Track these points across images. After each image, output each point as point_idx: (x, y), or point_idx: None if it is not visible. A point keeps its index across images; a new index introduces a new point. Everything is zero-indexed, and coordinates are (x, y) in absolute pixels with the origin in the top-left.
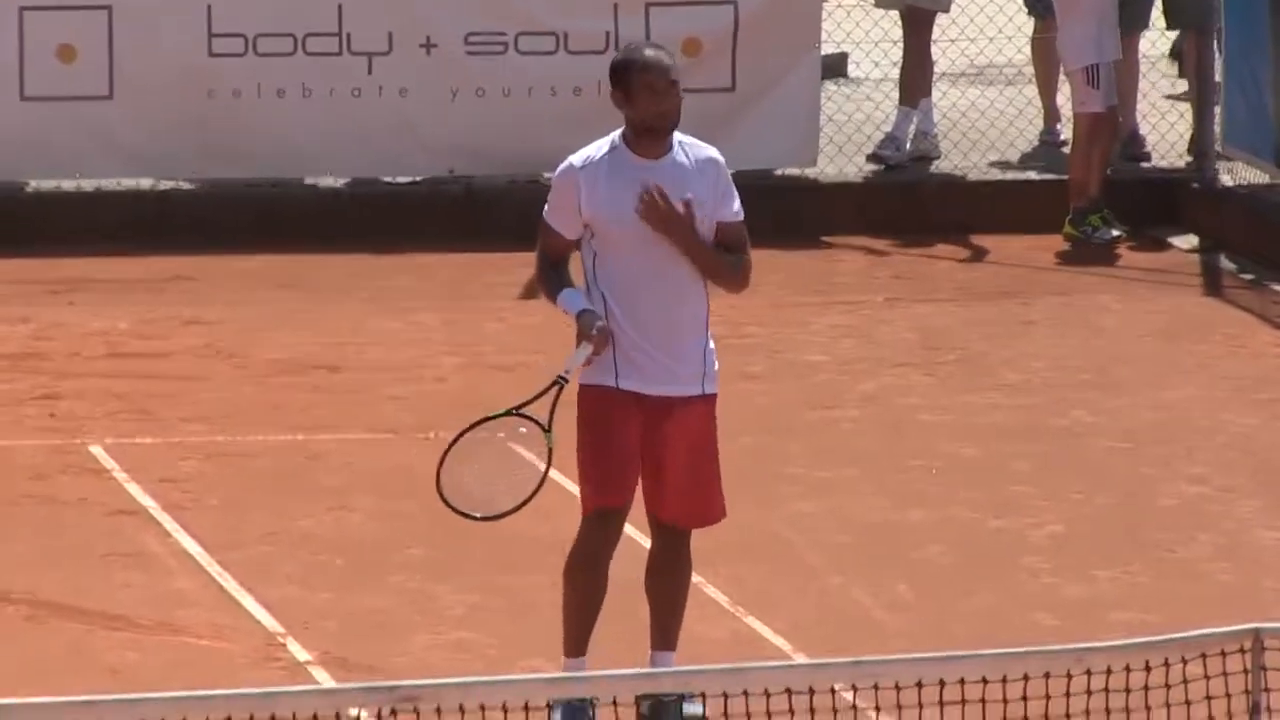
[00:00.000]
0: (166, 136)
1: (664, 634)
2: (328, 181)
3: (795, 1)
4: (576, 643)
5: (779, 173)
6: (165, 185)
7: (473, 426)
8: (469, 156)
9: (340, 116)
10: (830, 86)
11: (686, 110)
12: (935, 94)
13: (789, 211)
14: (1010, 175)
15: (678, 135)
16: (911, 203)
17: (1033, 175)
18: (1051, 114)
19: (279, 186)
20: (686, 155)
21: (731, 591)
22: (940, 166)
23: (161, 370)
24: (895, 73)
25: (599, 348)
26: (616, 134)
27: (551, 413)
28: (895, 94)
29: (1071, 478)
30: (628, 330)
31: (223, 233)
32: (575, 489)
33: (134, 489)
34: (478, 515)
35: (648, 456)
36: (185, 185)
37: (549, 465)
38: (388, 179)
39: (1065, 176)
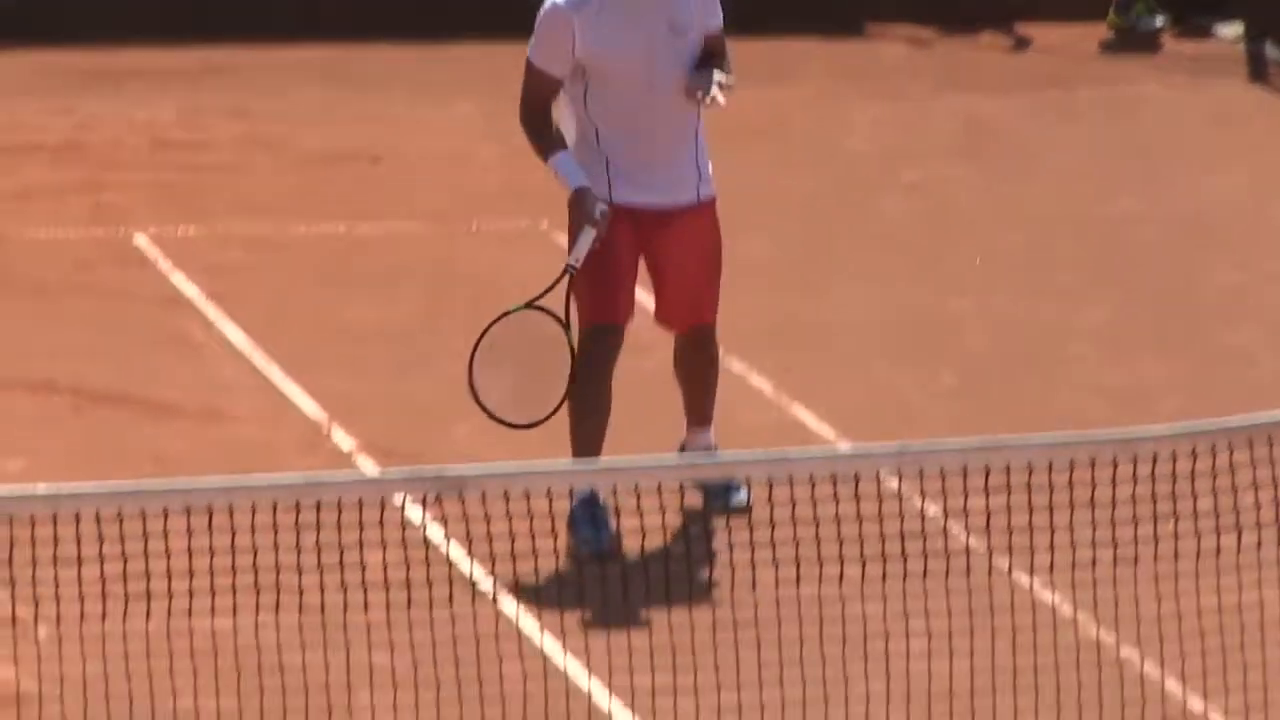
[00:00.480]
0: None
1: (698, 411)
2: None
3: None
4: (586, 452)
5: None
6: None
7: (493, 324)
8: None
9: None
10: None
11: None
12: None
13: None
14: None
15: None
16: None
17: None
18: None
19: None
20: None
21: (776, 379)
22: None
23: (204, 161)
24: None
25: (603, 232)
26: None
27: (567, 305)
28: None
29: (1118, 265)
30: (619, 149)
31: (261, 23)
32: None
33: (178, 279)
34: (521, 423)
35: (652, 271)
36: None
37: (574, 359)
38: None
39: None
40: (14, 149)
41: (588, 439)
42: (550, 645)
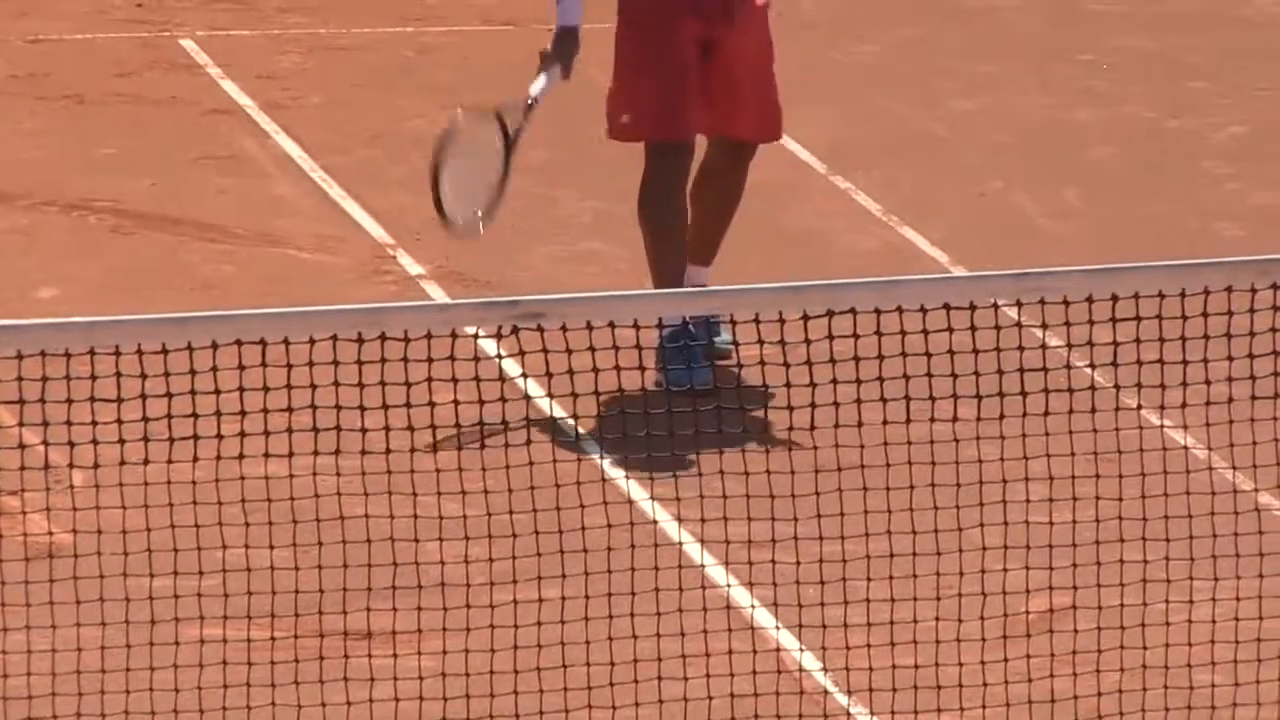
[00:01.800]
0: None
1: (706, 247)
2: None
3: None
4: (671, 283)
5: None
6: None
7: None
8: None
9: None
10: None
11: None
12: None
13: None
14: None
15: None
16: None
17: None
18: None
19: None
20: None
21: (883, 198)
22: None
23: None
24: None
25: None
26: None
27: (516, 131)
28: None
29: (1256, 72)
30: None
31: None
32: None
33: (229, 86)
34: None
35: (718, 73)
36: None
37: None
38: None
39: None
40: None
41: (668, 267)
42: (637, 492)
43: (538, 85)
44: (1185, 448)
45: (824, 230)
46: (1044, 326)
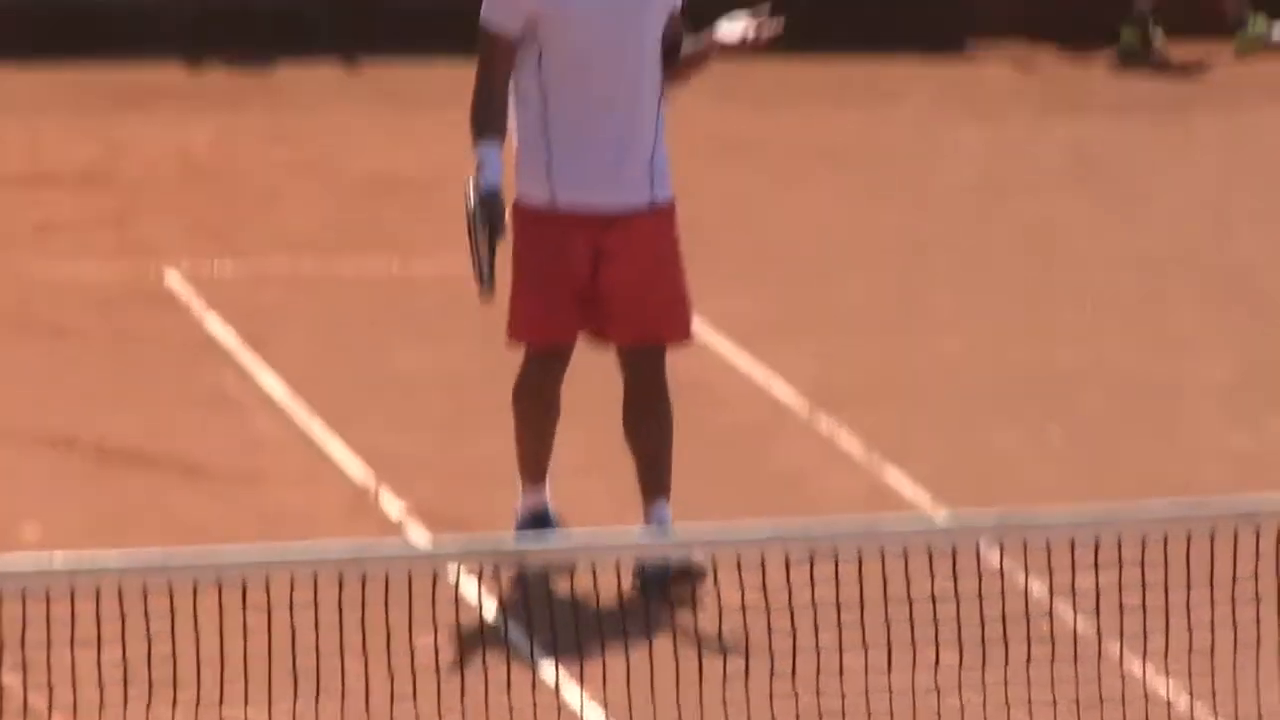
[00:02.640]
0: None
1: (656, 480)
2: None
3: None
4: (534, 470)
5: None
6: None
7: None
8: None
9: None
10: None
11: None
12: None
13: (929, 15)
14: None
15: None
16: (1064, 3)
17: None
18: None
19: None
20: None
21: (866, 438)
22: None
23: (242, 189)
24: None
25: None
26: None
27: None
28: None
29: (1240, 315)
30: (570, 135)
31: (307, 37)
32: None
33: (212, 321)
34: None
35: (598, 279)
36: None
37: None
38: None
39: None
40: (35, 176)
41: (528, 451)
42: None
43: (482, 264)
44: (1168, 699)
45: (806, 471)
46: (1026, 572)
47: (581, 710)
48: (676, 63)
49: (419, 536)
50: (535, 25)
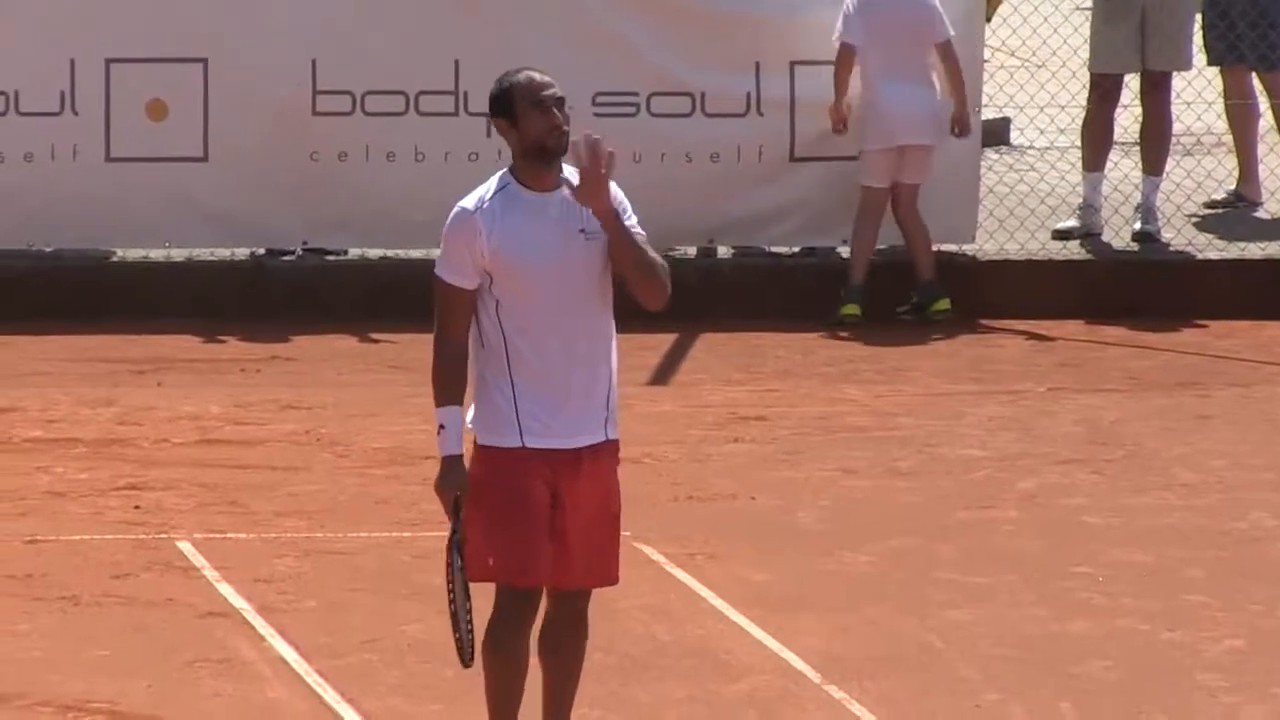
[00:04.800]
0: (265, 202)
1: (561, 708)
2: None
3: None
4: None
5: (934, 249)
6: (262, 255)
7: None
8: None
9: (456, 183)
10: (991, 155)
11: (836, 179)
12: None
13: (945, 290)
14: (1188, 254)
15: (565, 167)
16: (1078, 284)
17: (1212, 255)
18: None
19: (387, 258)
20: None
21: (878, 708)
22: (1111, 243)
23: (256, 459)
24: (1061, 140)
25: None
26: (499, 174)
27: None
28: (1060, 163)
29: (1252, 587)
30: (533, 380)
31: (324, 308)
32: (699, 588)
33: (225, 589)
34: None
35: (553, 518)
36: (285, 256)
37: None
38: None
39: (1256, 255)
40: (49, 443)
41: (500, 705)
42: None
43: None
44: None
45: None
46: None
47: None
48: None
49: None
50: (491, 280)
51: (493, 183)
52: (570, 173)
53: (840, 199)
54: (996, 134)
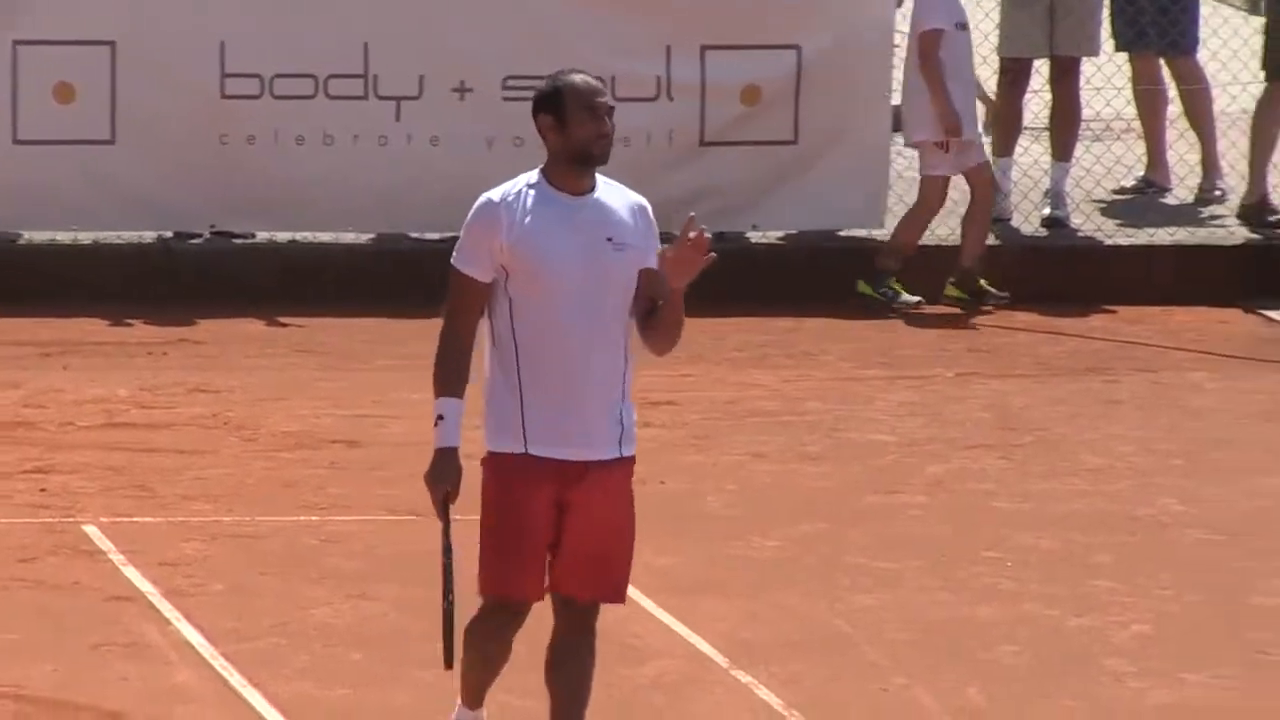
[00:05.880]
0: (174, 185)
1: None
2: (349, 237)
3: (864, 46)
4: (475, 695)
5: (844, 234)
6: (170, 238)
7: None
8: None
9: (364, 166)
10: (900, 141)
11: (746, 164)
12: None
13: (853, 277)
14: (1097, 239)
15: (600, 174)
16: (988, 269)
17: (1121, 240)
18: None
19: (295, 242)
20: (611, 193)
21: (785, 693)
22: (1020, 229)
23: (163, 443)
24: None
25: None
26: (532, 173)
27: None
28: None
29: (1159, 572)
30: (541, 385)
31: (233, 292)
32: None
33: (132, 573)
34: None
35: (560, 530)
36: (193, 239)
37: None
38: (415, 235)
39: (1165, 241)
40: None
41: (481, 685)
42: None
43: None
44: None
45: None
46: None
47: None
48: (652, 321)
49: None
50: (506, 276)
51: (522, 179)
52: (606, 183)
53: (751, 184)
54: None
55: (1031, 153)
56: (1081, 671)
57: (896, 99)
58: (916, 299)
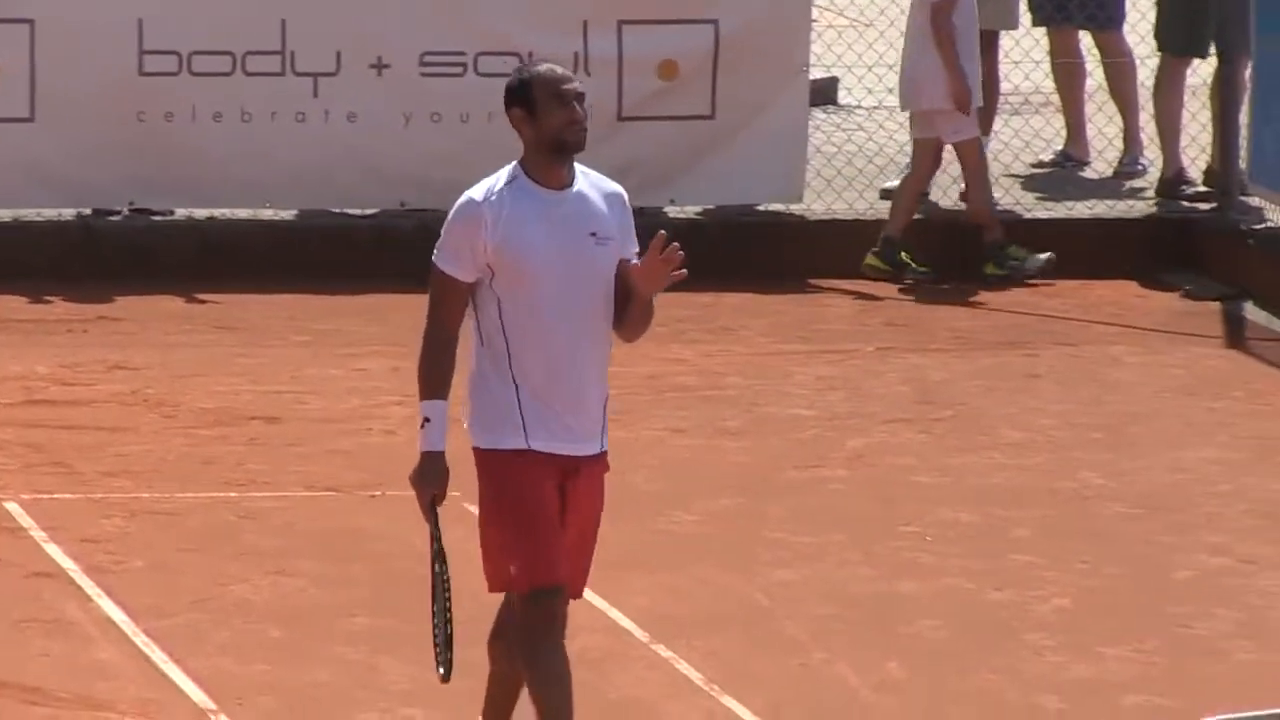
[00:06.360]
0: (93, 163)
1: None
2: (267, 214)
3: (781, 20)
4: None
5: (762, 208)
6: (89, 216)
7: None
8: (423, 188)
9: (282, 143)
10: (819, 114)
11: (664, 139)
12: None
13: (772, 252)
14: (1016, 213)
15: (577, 164)
16: (906, 243)
17: (1040, 214)
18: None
19: (214, 219)
20: (589, 185)
21: (705, 667)
22: (939, 203)
23: (83, 420)
24: (889, 99)
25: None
26: (510, 167)
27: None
28: (888, 123)
29: (1079, 546)
30: (532, 382)
31: (152, 269)
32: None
33: (52, 549)
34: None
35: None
36: (112, 216)
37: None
38: (333, 211)
39: (1083, 215)
40: None
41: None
42: None
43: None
44: None
45: (645, 700)
46: None
47: None
48: (624, 312)
49: None
50: (492, 275)
51: (502, 175)
52: (584, 173)
53: (668, 158)
54: (824, 93)
55: None
56: (1002, 645)
57: (815, 73)
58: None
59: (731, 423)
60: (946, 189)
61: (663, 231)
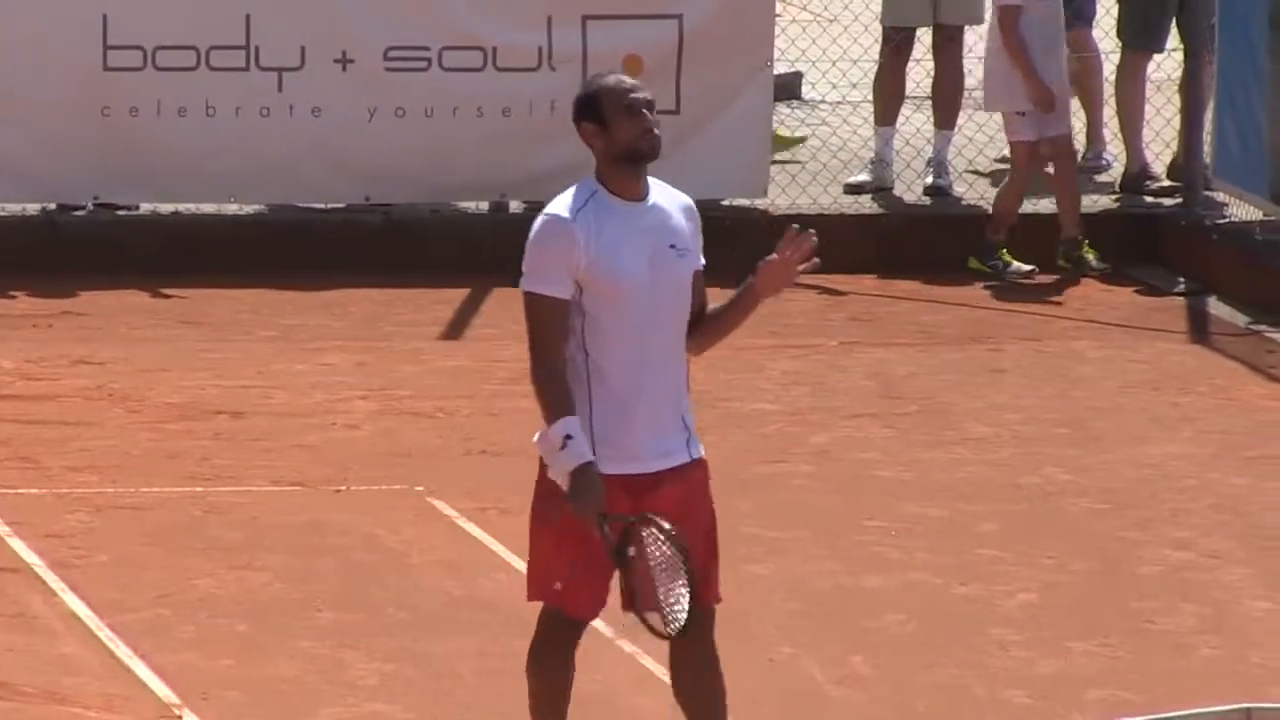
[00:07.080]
0: (57, 158)
1: None
2: (232, 208)
3: (745, 16)
4: None
5: (726, 203)
6: (54, 210)
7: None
8: (387, 182)
9: (247, 138)
10: (783, 109)
11: None
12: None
13: (736, 246)
14: (980, 208)
15: (650, 179)
16: (870, 238)
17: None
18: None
19: (179, 214)
20: (663, 196)
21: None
22: (903, 198)
23: (48, 414)
24: (853, 94)
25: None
26: (584, 182)
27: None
28: (852, 117)
29: (1044, 541)
30: (612, 400)
31: (117, 264)
32: (491, 542)
33: (16, 544)
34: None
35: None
36: (77, 211)
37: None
38: (299, 206)
39: (1047, 210)
40: None
41: (553, 710)
42: None
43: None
44: None
45: (610, 694)
46: None
47: None
48: (704, 322)
49: None
50: (580, 293)
51: (580, 190)
52: (654, 184)
53: None
54: (788, 88)
55: (914, 121)
56: (968, 640)
57: (779, 68)
58: (1030, 268)
59: (696, 417)
60: (911, 184)
61: (795, 225)
